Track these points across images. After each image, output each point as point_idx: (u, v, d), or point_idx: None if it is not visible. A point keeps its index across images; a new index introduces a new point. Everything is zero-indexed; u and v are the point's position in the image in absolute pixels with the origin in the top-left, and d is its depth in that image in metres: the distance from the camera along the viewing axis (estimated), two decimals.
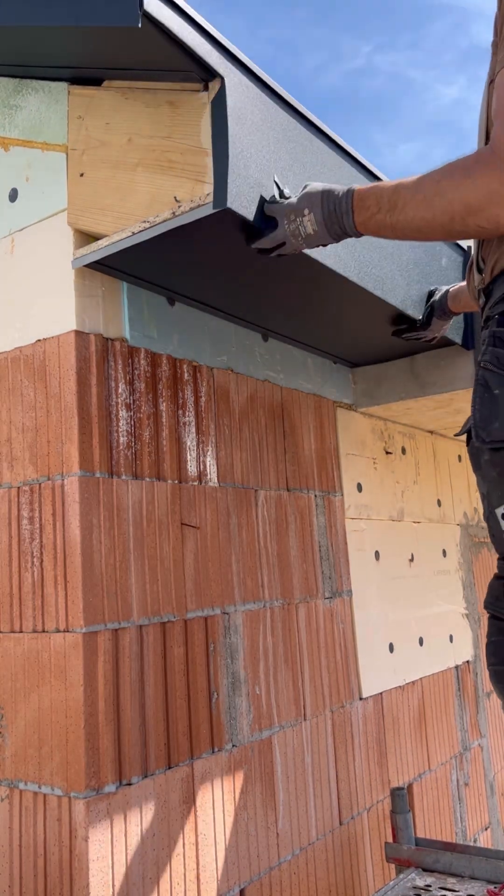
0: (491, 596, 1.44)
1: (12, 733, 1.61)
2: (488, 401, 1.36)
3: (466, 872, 2.06)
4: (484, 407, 1.37)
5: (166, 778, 1.65)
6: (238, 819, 1.82)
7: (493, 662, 1.43)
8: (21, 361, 1.74)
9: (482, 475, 1.41)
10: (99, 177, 1.64)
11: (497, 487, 1.37)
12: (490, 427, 1.35)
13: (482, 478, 1.41)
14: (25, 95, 1.84)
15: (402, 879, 2.06)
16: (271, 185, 1.52)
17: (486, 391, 1.37)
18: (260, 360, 2.20)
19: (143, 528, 1.70)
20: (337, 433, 2.50)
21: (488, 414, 1.36)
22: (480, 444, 1.38)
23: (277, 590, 2.09)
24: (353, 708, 2.33)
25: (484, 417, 1.36)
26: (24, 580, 1.65)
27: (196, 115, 1.49)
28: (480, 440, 1.37)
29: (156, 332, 1.84)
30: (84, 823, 1.47)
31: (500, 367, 1.36)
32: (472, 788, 3.03)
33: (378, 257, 1.90)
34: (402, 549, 2.78)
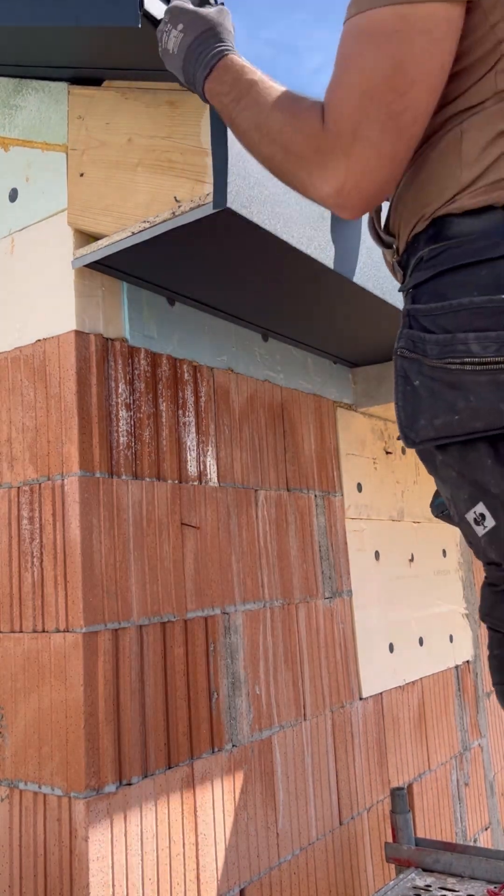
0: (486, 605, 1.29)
1: (12, 733, 1.61)
2: (410, 395, 1.18)
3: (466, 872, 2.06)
4: (407, 403, 1.19)
5: (166, 778, 1.65)
6: (238, 819, 1.82)
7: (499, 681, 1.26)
8: (21, 361, 1.74)
9: (442, 478, 1.25)
10: (99, 177, 1.64)
11: (460, 489, 1.21)
12: (416, 426, 1.18)
13: (442, 481, 1.25)
14: (25, 95, 1.84)
15: (401, 879, 2.06)
16: (271, 185, 1.52)
17: (406, 383, 1.19)
18: (260, 360, 2.20)
19: (143, 528, 1.70)
20: (337, 433, 2.50)
21: (412, 411, 1.18)
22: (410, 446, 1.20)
23: (277, 590, 2.09)
24: (353, 708, 2.33)
25: (408, 415, 1.19)
26: (24, 580, 1.65)
27: (196, 115, 1.49)
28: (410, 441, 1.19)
29: (156, 332, 1.84)
30: (84, 823, 1.47)
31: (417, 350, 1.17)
32: (472, 788, 3.03)
33: (378, 257, 1.90)
34: (402, 549, 2.78)
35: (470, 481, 1.17)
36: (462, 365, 1.11)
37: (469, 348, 1.10)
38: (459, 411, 1.12)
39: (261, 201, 1.49)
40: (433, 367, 1.15)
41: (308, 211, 1.64)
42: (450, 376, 1.13)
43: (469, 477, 1.17)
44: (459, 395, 1.12)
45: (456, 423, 1.13)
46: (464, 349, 1.11)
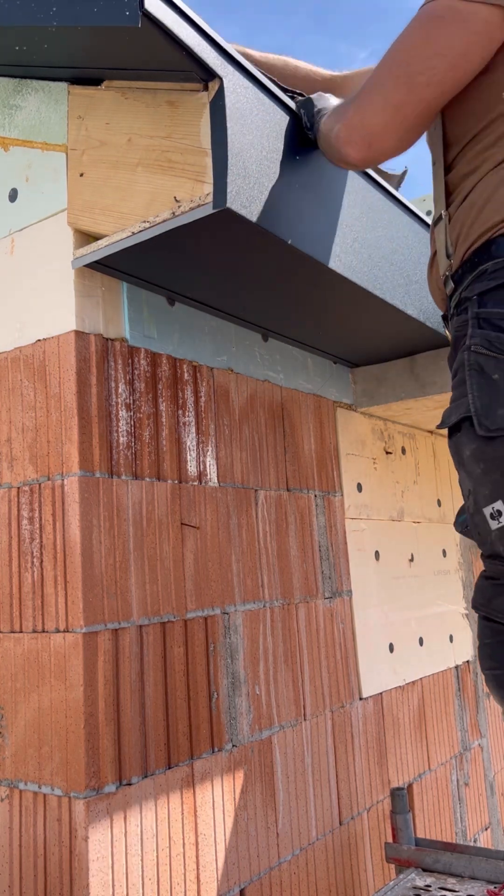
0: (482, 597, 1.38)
1: (12, 733, 1.61)
2: (486, 386, 1.30)
3: (466, 873, 2.06)
4: (483, 393, 1.30)
5: (166, 778, 1.65)
6: (238, 819, 1.82)
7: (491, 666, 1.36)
8: (21, 361, 1.74)
9: (466, 471, 1.35)
10: (99, 177, 1.64)
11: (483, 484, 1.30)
12: (493, 414, 1.28)
13: (467, 474, 1.35)
14: (25, 95, 1.84)
15: (401, 879, 2.06)
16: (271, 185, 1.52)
17: (482, 377, 1.31)
18: (260, 360, 2.20)
19: (143, 528, 1.70)
20: (337, 433, 2.50)
21: (489, 401, 1.29)
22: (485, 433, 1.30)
23: (277, 590, 2.09)
24: (353, 708, 2.33)
25: (485, 405, 1.29)
26: (24, 580, 1.65)
27: (195, 115, 1.49)
28: (485, 428, 1.29)
29: (156, 332, 1.84)
30: (84, 823, 1.47)
31: (494, 349, 1.30)
32: (472, 788, 3.03)
33: (378, 257, 1.90)
34: (402, 549, 2.78)
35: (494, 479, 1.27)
36: None
37: None
38: None
39: (261, 201, 1.49)
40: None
41: (308, 210, 1.64)
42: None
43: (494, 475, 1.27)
44: None
45: None
46: None
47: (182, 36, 1.38)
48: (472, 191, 1.40)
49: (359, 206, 1.84)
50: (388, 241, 1.95)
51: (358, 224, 1.83)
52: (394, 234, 1.98)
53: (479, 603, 1.38)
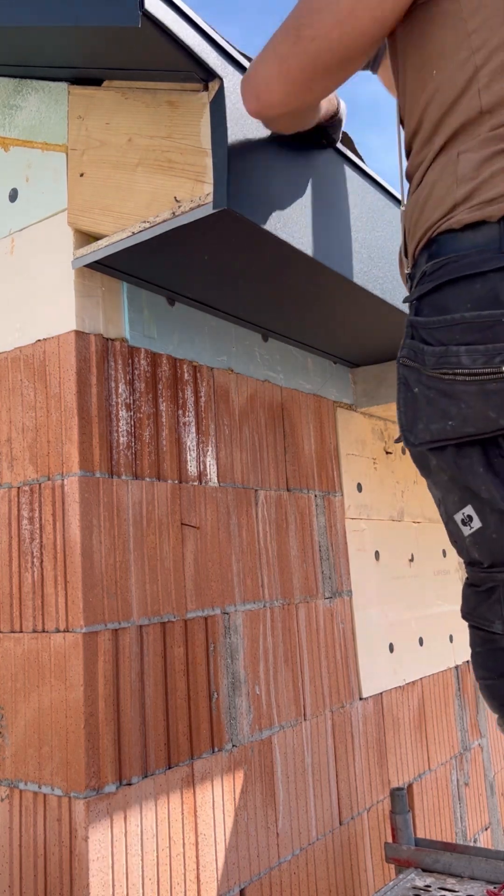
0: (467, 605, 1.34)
1: (12, 733, 1.61)
2: (410, 401, 1.28)
3: (466, 873, 2.06)
4: (408, 408, 1.28)
5: (166, 778, 1.65)
6: (238, 819, 1.82)
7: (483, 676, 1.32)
8: (21, 361, 1.74)
9: (434, 481, 1.32)
10: (99, 177, 1.64)
11: (451, 492, 1.28)
12: (415, 429, 1.27)
13: (434, 484, 1.32)
14: (25, 95, 1.84)
15: (401, 880, 2.06)
16: (271, 185, 1.52)
17: (407, 390, 1.28)
18: (260, 360, 2.20)
19: (143, 528, 1.70)
20: (337, 433, 2.50)
21: (412, 416, 1.27)
22: (410, 447, 1.29)
23: (277, 590, 2.09)
24: (353, 708, 2.33)
25: (408, 420, 1.28)
26: (24, 580, 1.65)
27: (196, 115, 1.49)
28: (409, 444, 1.28)
29: (156, 332, 1.84)
30: (84, 823, 1.47)
31: (416, 360, 1.25)
32: (472, 788, 3.03)
33: (378, 256, 1.90)
34: (402, 549, 2.78)
35: (461, 486, 1.25)
36: (454, 375, 1.20)
37: (460, 360, 1.19)
38: (453, 417, 1.21)
39: (261, 201, 1.49)
40: (430, 377, 1.23)
41: (308, 211, 1.64)
42: (444, 385, 1.21)
43: (460, 481, 1.25)
44: (452, 402, 1.21)
45: (450, 429, 1.22)
46: (456, 361, 1.19)
47: (182, 36, 1.38)
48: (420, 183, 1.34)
49: (359, 205, 1.84)
50: (389, 240, 1.95)
51: (358, 224, 1.83)
52: (394, 234, 1.98)
53: (465, 612, 1.35)
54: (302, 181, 1.63)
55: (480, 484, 1.21)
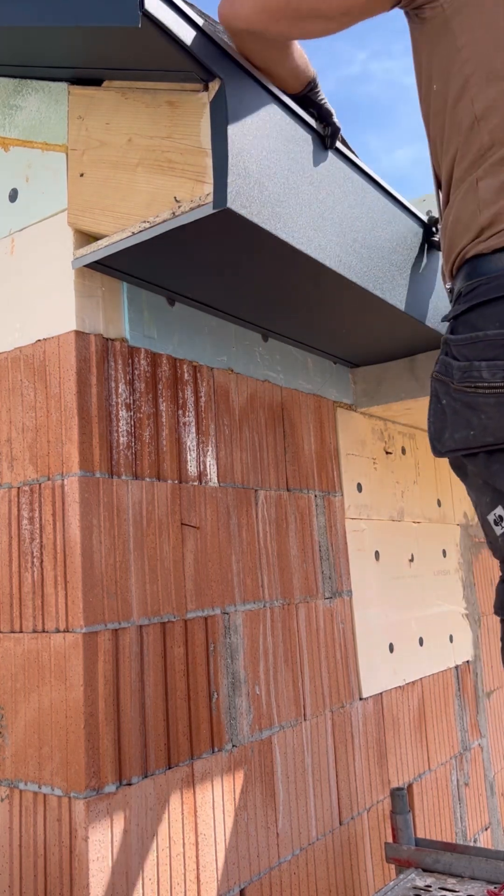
0: (498, 600, 1.43)
1: (12, 733, 1.61)
2: (439, 412, 1.39)
3: (466, 873, 2.06)
4: (437, 419, 1.39)
5: (166, 778, 1.65)
6: (238, 819, 1.82)
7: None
8: (21, 361, 1.74)
9: (469, 484, 1.42)
10: (99, 177, 1.64)
11: (484, 494, 1.37)
12: (442, 437, 1.37)
13: (469, 487, 1.42)
14: (25, 95, 1.84)
15: (402, 880, 2.06)
16: (271, 185, 1.52)
17: (437, 403, 1.39)
18: (260, 360, 2.20)
19: (143, 528, 1.70)
20: (337, 433, 2.50)
21: (440, 426, 1.38)
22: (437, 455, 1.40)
23: (277, 590, 2.09)
24: (353, 708, 2.33)
25: (437, 430, 1.39)
26: (24, 580, 1.65)
27: (196, 115, 1.49)
28: (437, 451, 1.39)
29: (156, 332, 1.84)
30: (84, 823, 1.47)
31: (447, 374, 1.36)
32: (472, 788, 3.03)
33: (378, 257, 1.90)
34: (402, 549, 2.78)
35: (493, 487, 1.34)
36: (476, 388, 1.30)
37: (482, 374, 1.29)
38: (474, 427, 1.31)
39: (261, 201, 1.49)
40: (457, 390, 1.33)
41: (308, 211, 1.64)
42: (468, 398, 1.32)
43: (492, 484, 1.34)
44: (474, 413, 1.31)
45: (472, 438, 1.32)
46: (478, 375, 1.29)
47: (182, 36, 1.38)
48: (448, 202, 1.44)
49: (359, 205, 1.84)
50: (389, 241, 1.95)
51: (358, 224, 1.83)
52: (394, 234, 1.98)
53: (496, 607, 1.44)
54: (302, 181, 1.63)
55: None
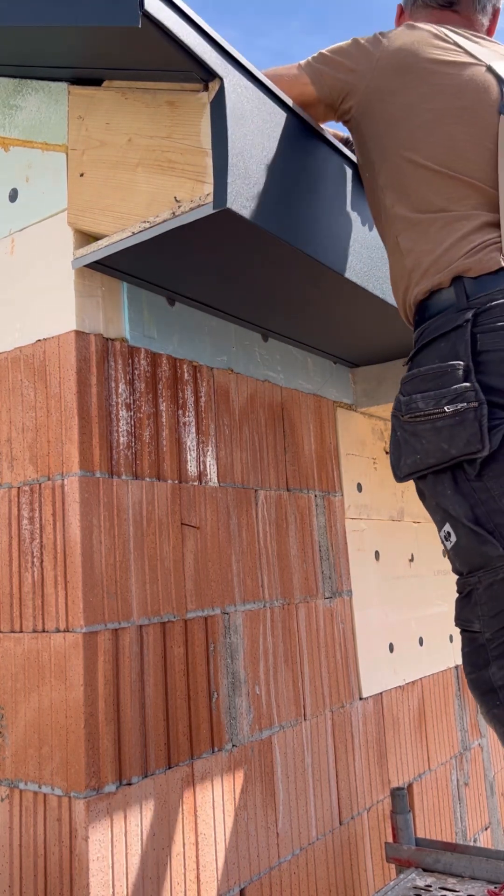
0: (456, 612, 1.55)
1: (12, 733, 1.61)
2: (395, 443, 1.56)
3: (467, 873, 2.06)
4: (394, 449, 1.56)
5: (166, 778, 1.65)
6: (238, 819, 1.82)
7: (469, 671, 1.51)
8: (21, 361, 1.74)
9: (426, 506, 1.57)
10: (99, 177, 1.64)
11: (436, 513, 1.53)
12: (399, 465, 1.55)
13: (426, 507, 1.58)
14: (25, 95, 1.84)
15: (402, 879, 2.06)
16: (271, 186, 1.52)
17: (394, 434, 1.56)
18: (260, 360, 2.20)
19: (143, 528, 1.70)
20: (337, 433, 2.50)
21: (398, 455, 1.55)
22: (397, 479, 1.56)
23: (277, 590, 2.09)
24: (353, 708, 2.33)
25: (395, 458, 1.56)
26: (24, 580, 1.65)
27: (196, 115, 1.49)
28: (397, 478, 1.56)
29: (156, 332, 1.84)
30: (84, 823, 1.47)
31: (398, 410, 1.54)
32: (472, 788, 3.03)
33: (378, 257, 1.90)
34: (402, 549, 2.78)
35: (440, 507, 1.50)
36: (415, 418, 1.48)
37: (418, 405, 1.47)
38: (419, 452, 1.49)
39: (261, 201, 1.49)
40: (404, 421, 1.51)
41: (308, 211, 1.64)
42: (411, 427, 1.50)
43: (439, 503, 1.50)
44: (417, 440, 1.49)
45: (419, 461, 1.49)
46: (415, 406, 1.48)
47: (182, 36, 1.38)
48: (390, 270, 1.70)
49: (359, 205, 1.84)
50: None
51: (358, 224, 1.83)
52: None
53: (455, 618, 1.55)
54: (302, 181, 1.63)
55: (450, 504, 1.46)
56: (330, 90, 1.66)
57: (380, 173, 1.63)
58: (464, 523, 1.44)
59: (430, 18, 1.76)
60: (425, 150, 1.54)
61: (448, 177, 1.52)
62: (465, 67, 1.56)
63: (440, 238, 1.52)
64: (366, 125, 1.64)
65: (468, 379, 1.41)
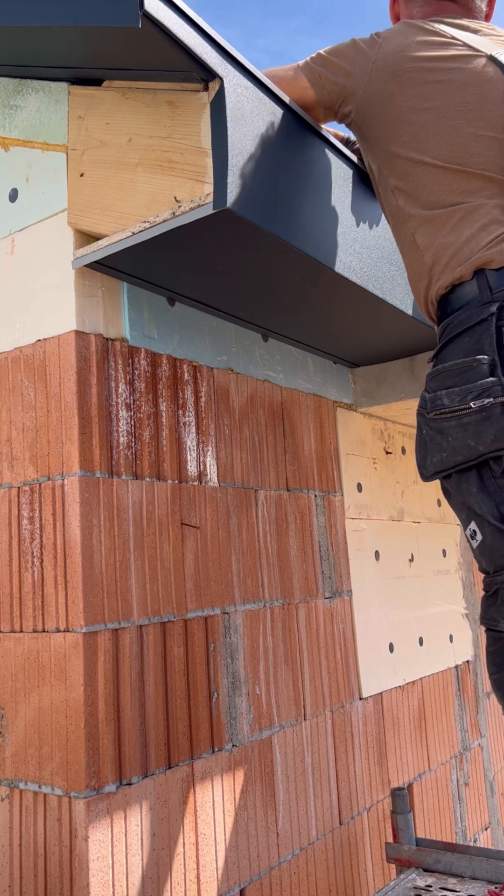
0: (481, 610, 1.53)
1: (12, 733, 1.61)
2: (421, 442, 1.54)
3: (467, 873, 2.06)
4: (420, 447, 1.54)
5: (166, 778, 1.65)
6: (238, 819, 1.82)
7: (492, 671, 1.49)
8: (21, 361, 1.74)
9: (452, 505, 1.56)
10: (99, 177, 1.64)
11: (461, 512, 1.51)
12: (425, 464, 1.53)
13: (452, 506, 1.57)
14: (25, 95, 1.84)
15: (402, 879, 2.06)
16: (271, 186, 1.52)
17: (419, 433, 1.54)
18: (260, 360, 2.20)
19: (143, 528, 1.70)
20: (337, 433, 2.50)
21: (423, 453, 1.53)
22: (424, 479, 1.55)
23: (277, 590, 2.09)
24: (353, 708, 2.33)
25: (421, 457, 1.54)
26: (25, 580, 1.65)
27: (196, 115, 1.49)
28: (423, 477, 1.55)
29: (156, 332, 1.84)
30: (84, 823, 1.47)
31: (423, 407, 1.51)
32: (472, 788, 3.03)
33: (378, 257, 1.90)
34: (402, 549, 2.78)
35: (466, 505, 1.48)
36: (441, 415, 1.46)
37: (443, 402, 1.45)
38: (446, 450, 1.46)
39: (261, 202, 1.49)
40: (430, 419, 1.49)
41: (308, 211, 1.64)
42: (437, 424, 1.47)
43: (464, 501, 1.48)
44: (443, 438, 1.46)
45: (446, 460, 1.47)
46: (441, 403, 1.45)
47: (182, 36, 1.38)
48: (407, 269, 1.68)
49: (359, 205, 1.84)
50: (388, 241, 1.95)
51: (358, 224, 1.83)
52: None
53: (480, 617, 1.54)
54: (302, 181, 1.63)
55: (476, 502, 1.44)
56: (329, 94, 1.65)
57: (389, 175, 1.61)
58: (490, 521, 1.41)
59: (426, 8, 1.73)
60: (432, 150, 1.52)
61: (459, 172, 1.50)
62: (464, 61, 1.53)
63: (458, 230, 1.49)
64: (368, 129, 1.63)
65: (494, 373, 1.39)
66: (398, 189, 1.59)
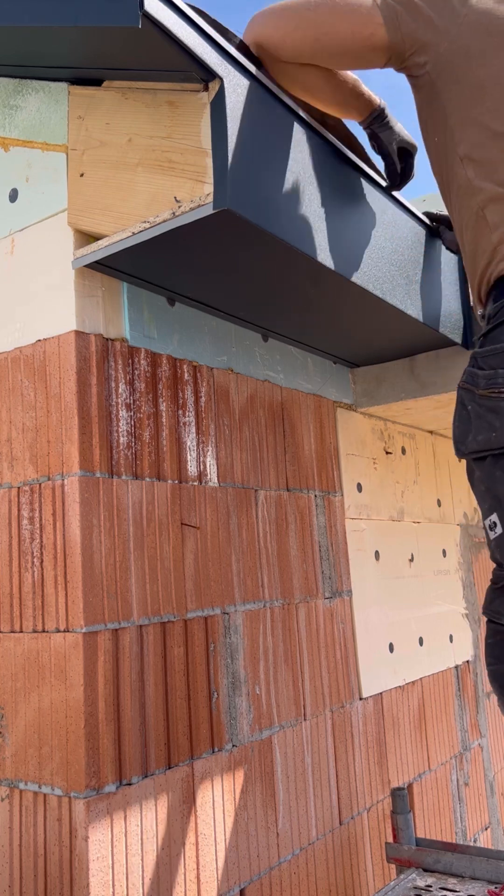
0: (486, 601, 1.53)
1: (12, 733, 1.61)
2: (464, 417, 1.49)
3: (467, 873, 2.06)
4: (462, 423, 1.49)
5: (166, 778, 1.65)
6: (238, 819, 1.82)
7: (491, 663, 1.50)
8: (21, 361, 1.74)
9: (475, 490, 1.52)
10: (99, 177, 1.64)
11: (484, 501, 1.47)
12: (466, 440, 1.48)
13: (475, 493, 1.52)
14: (25, 95, 1.84)
15: (402, 880, 2.06)
16: (271, 186, 1.52)
17: (462, 408, 1.50)
18: (260, 360, 2.20)
19: (143, 528, 1.70)
20: (337, 433, 2.50)
21: (465, 429, 1.48)
22: (460, 456, 1.50)
23: (277, 590, 2.09)
24: (353, 708, 2.33)
25: (462, 433, 1.49)
26: (24, 580, 1.65)
27: (196, 115, 1.49)
28: (460, 453, 1.50)
29: (156, 332, 1.84)
30: (84, 823, 1.47)
31: (472, 384, 1.47)
32: (472, 788, 3.03)
33: (379, 256, 1.90)
34: (402, 549, 2.78)
35: (492, 494, 1.43)
36: (499, 393, 1.40)
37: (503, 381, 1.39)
38: (496, 430, 1.40)
39: (261, 202, 1.49)
40: (481, 396, 1.43)
41: (309, 211, 1.64)
42: (491, 403, 1.41)
43: (492, 490, 1.43)
44: (496, 417, 1.40)
45: (493, 439, 1.40)
46: (501, 381, 1.40)
47: (182, 36, 1.38)
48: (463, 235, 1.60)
49: (359, 207, 1.84)
50: (389, 241, 1.95)
51: (358, 225, 1.83)
52: (394, 235, 1.98)
53: (483, 607, 1.53)
54: (302, 181, 1.63)
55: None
56: (403, 39, 1.49)
57: (460, 142, 1.50)
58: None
59: None
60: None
61: None
62: None
63: None
64: (443, 86, 1.50)
65: None
66: (469, 158, 1.49)
